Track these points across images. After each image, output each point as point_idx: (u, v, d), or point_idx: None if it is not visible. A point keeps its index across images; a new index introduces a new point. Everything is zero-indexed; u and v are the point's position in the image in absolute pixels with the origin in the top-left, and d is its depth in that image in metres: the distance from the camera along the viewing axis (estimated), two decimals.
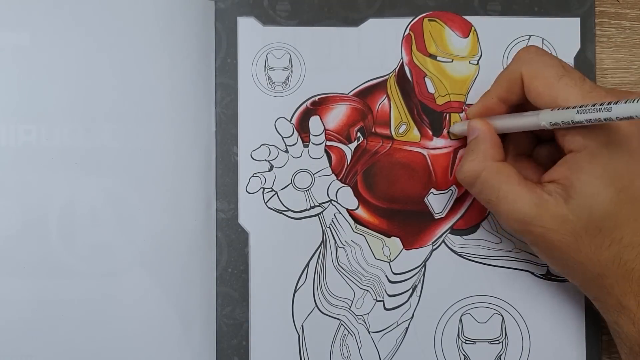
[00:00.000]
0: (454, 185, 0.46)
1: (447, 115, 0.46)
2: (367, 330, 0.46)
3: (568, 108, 0.37)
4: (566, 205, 0.38)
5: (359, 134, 0.46)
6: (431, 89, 0.46)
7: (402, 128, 0.46)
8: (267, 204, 0.46)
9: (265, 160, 0.46)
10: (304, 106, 0.46)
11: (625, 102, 0.34)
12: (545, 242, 0.39)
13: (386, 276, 0.46)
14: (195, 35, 0.45)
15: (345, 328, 0.46)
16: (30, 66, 0.43)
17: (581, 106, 0.36)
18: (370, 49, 0.46)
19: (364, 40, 0.46)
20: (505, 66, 0.46)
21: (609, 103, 0.35)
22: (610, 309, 0.40)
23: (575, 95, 0.38)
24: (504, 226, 0.41)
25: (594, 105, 0.35)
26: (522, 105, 0.42)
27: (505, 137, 0.43)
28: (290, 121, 0.46)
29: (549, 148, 0.43)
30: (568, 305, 0.46)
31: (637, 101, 0.33)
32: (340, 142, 0.46)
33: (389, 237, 0.46)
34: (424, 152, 0.46)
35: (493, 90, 0.43)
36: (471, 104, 0.46)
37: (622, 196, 0.38)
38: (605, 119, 0.35)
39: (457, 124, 0.45)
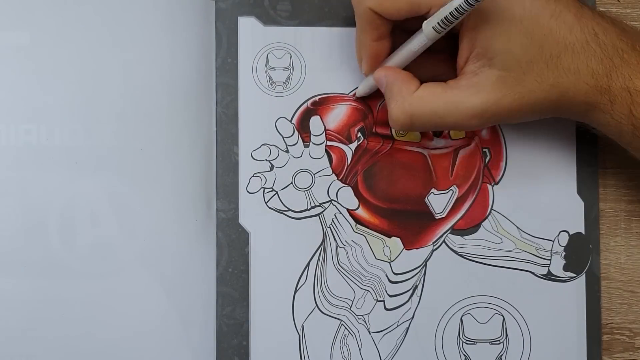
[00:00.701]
0: (454, 186, 0.46)
1: None
2: (368, 330, 0.46)
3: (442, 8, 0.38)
4: (493, 68, 0.39)
5: (359, 134, 0.46)
6: None
7: None
8: (267, 203, 0.46)
9: (266, 160, 0.46)
10: (304, 106, 0.46)
11: None
12: (508, 112, 0.40)
13: (387, 276, 0.46)
14: (196, 35, 0.45)
15: (345, 328, 0.46)
16: (30, 66, 0.43)
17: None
18: None
19: None
20: None
21: None
22: (582, 114, 0.41)
23: None
24: (465, 129, 0.43)
25: None
26: (396, 27, 0.41)
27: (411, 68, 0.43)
28: (290, 121, 0.46)
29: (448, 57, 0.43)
30: (569, 305, 0.46)
31: None
32: (341, 142, 0.46)
33: (390, 237, 0.46)
34: (425, 152, 0.46)
35: (362, 38, 0.42)
36: None
37: (526, 22, 0.38)
38: None
39: (361, 85, 0.45)
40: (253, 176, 0.46)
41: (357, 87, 0.46)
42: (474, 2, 0.36)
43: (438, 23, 0.38)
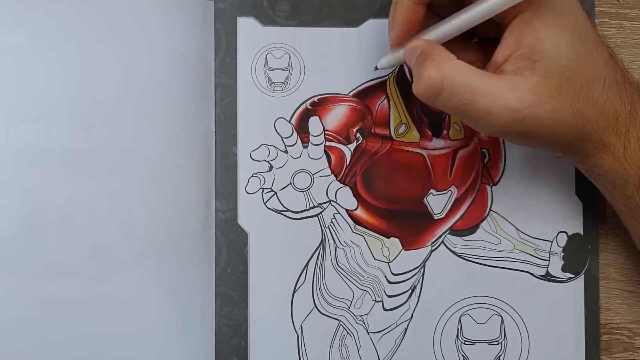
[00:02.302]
0: (453, 186, 0.46)
1: (447, 115, 0.46)
2: (366, 330, 0.46)
3: None
4: (534, 73, 0.37)
5: (358, 135, 0.46)
6: None
7: (402, 129, 0.46)
8: (266, 204, 0.46)
9: (265, 160, 0.46)
10: (303, 106, 0.46)
11: None
12: (534, 124, 0.37)
13: (385, 277, 0.46)
14: (195, 35, 0.45)
15: (344, 328, 0.46)
16: (30, 66, 0.43)
17: None
18: (370, 50, 0.46)
19: (363, 41, 0.46)
20: None
21: None
22: (591, 154, 0.40)
23: None
24: (485, 127, 0.38)
25: None
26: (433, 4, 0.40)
27: None
28: (289, 121, 0.46)
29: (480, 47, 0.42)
30: (567, 306, 0.46)
31: None
32: (340, 142, 0.46)
33: (388, 237, 0.46)
34: (423, 152, 0.46)
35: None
36: None
37: (576, 37, 0.37)
38: None
39: (385, 57, 0.42)
40: (252, 176, 0.46)
41: (355, 88, 0.46)
42: None
43: None
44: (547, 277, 0.46)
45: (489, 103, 0.37)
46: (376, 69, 0.43)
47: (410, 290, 0.46)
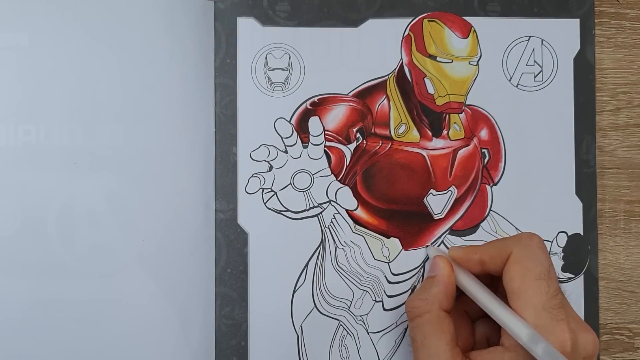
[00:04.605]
0: (453, 186, 0.46)
1: (447, 115, 0.46)
2: (366, 330, 0.46)
3: (529, 335, 0.37)
4: None
5: (358, 135, 0.46)
6: (431, 90, 0.46)
7: (402, 128, 0.46)
8: (266, 204, 0.46)
9: (265, 160, 0.46)
10: (303, 107, 0.46)
11: None
12: None
13: (385, 277, 0.46)
14: (195, 35, 0.45)
15: (344, 328, 0.46)
16: (30, 66, 0.43)
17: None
18: (370, 50, 0.46)
19: (363, 41, 0.46)
20: (504, 67, 0.46)
21: None
22: None
23: (537, 303, 0.38)
24: None
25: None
26: (497, 279, 0.41)
27: None
28: (289, 122, 0.46)
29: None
30: None
31: None
32: (340, 142, 0.46)
33: (388, 237, 0.46)
34: (423, 152, 0.46)
35: (480, 250, 0.42)
36: (471, 105, 0.46)
37: None
38: None
39: (434, 248, 0.46)
40: (252, 177, 0.46)
41: (355, 88, 0.46)
42: None
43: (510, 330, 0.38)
44: None
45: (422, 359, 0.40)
46: (426, 248, 0.46)
47: (410, 291, 0.46)
